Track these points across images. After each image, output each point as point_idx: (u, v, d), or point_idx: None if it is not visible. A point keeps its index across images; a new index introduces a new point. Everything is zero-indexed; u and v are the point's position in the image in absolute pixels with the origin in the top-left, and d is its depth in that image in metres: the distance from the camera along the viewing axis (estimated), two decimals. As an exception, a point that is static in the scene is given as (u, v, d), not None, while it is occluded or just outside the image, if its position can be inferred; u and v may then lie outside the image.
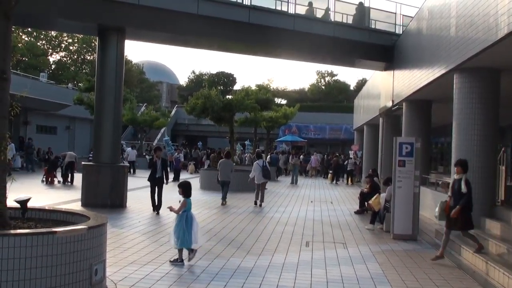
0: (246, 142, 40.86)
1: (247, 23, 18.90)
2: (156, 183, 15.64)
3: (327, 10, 21.98)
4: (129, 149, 36.13)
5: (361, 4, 22.26)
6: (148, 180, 15.82)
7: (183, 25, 18.04)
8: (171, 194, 19.63)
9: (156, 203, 15.53)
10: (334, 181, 33.25)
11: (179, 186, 9.28)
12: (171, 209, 9.06)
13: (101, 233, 6.54)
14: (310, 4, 21.51)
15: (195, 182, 27.41)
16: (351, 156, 35.43)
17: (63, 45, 69.01)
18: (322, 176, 39.42)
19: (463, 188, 9.94)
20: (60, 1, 16.19)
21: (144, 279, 7.82)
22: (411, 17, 20.58)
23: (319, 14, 21.36)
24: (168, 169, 16.70)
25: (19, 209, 7.23)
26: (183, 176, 31.76)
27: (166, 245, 10.49)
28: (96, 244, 6.37)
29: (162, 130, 54.89)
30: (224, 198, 18.58)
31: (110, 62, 17.21)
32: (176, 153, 33.19)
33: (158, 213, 15.13)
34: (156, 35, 18.76)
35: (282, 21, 19.73)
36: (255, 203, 18.59)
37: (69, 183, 23.96)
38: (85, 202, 16.37)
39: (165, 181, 15.69)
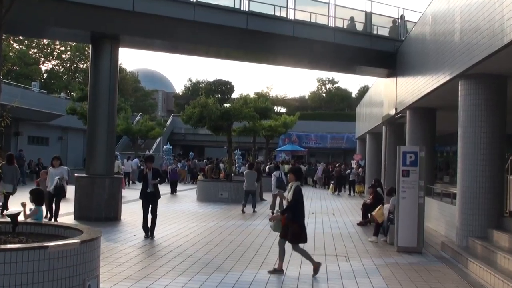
0: (237, 152, 40.76)
1: (245, 29, 18.95)
2: (148, 200, 13.34)
3: (352, 19, 22.08)
4: (125, 160, 36.11)
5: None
6: (140, 197, 13.59)
7: (179, 32, 18.09)
8: (169, 207, 19.57)
9: (150, 222, 13.34)
10: (336, 192, 33.20)
11: (30, 193, 9.25)
12: (23, 204, 8.60)
13: (94, 247, 6.52)
14: (352, 19, 21.83)
15: (191, 194, 27.45)
16: (353, 165, 35.38)
17: (55, 53, 69.13)
18: (323, 187, 39.36)
19: (289, 196, 9.73)
20: (52, 8, 16.21)
21: (139, 295, 7.78)
22: (414, 22, 20.66)
23: (324, 20, 21.36)
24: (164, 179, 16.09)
25: (9, 223, 7.20)
26: (179, 187, 31.70)
27: (162, 259, 10.46)
28: (90, 259, 6.35)
29: (158, 140, 54.89)
30: (254, 206, 20.45)
31: (104, 70, 17.24)
32: (173, 164, 33.18)
33: (152, 237, 13.19)
34: (151, 43, 18.80)
35: (281, 27, 19.79)
36: (272, 213, 18.88)
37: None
38: (78, 215, 16.33)
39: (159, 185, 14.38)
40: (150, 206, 13.32)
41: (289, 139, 55.36)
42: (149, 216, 13.37)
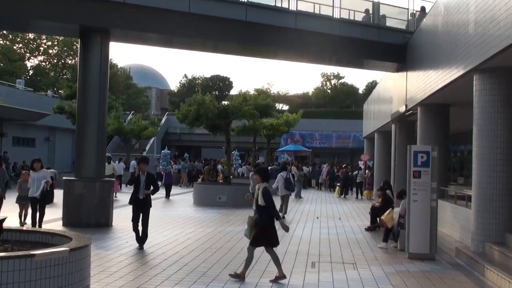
0: (234, 153, 40.81)
1: (244, 21, 18.93)
2: (139, 208, 12.74)
3: (367, 11, 22.07)
4: (116, 162, 36.07)
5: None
6: (130, 203, 12.99)
7: (173, 24, 18.07)
8: (164, 211, 19.54)
9: (141, 234, 12.76)
10: (342, 195, 33.18)
11: None
12: None
13: (84, 255, 6.50)
14: (367, 11, 21.90)
15: (188, 197, 27.44)
16: (360, 166, 35.37)
17: (41, 49, 69.16)
18: (328, 189, 39.37)
19: (260, 200, 9.74)
20: (38, 1, 16.21)
21: (132, 307, 7.76)
22: (425, 12, 20.63)
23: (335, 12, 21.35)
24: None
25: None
26: (175, 191, 31.71)
27: (157, 268, 10.44)
28: (79, 268, 6.33)
29: (152, 140, 54.87)
30: None
31: (94, 66, 17.23)
32: (169, 167, 33.19)
33: (142, 248, 12.61)
34: (144, 36, 18.79)
35: (282, 19, 19.76)
36: (283, 216, 19.63)
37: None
38: (67, 222, 16.31)
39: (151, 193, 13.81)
40: (141, 215, 12.70)
41: (291, 139, 55.39)
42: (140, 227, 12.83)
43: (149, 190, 12.67)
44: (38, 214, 14.69)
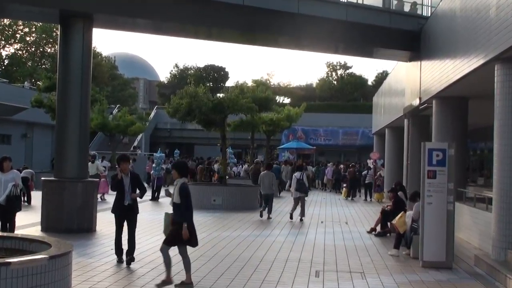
0: (228, 150, 40.71)
1: (241, 5, 18.89)
2: (124, 216, 11.79)
3: None
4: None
5: None
6: (113, 210, 11.95)
7: (163, 9, 18.05)
8: (152, 215, 19.56)
9: (128, 247, 11.77)
10: (350, 197, 33.20)
11: None
12: None
13: (65, 263, 6.49)
14: None
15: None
16: (370, 165, 35.36)
17: (18, 36, 69.03)
18: (334, 191, 39.39)
19: (176, 197, 9.77)
20: (13, -18, 16.20)
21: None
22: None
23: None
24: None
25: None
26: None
27: (144, 277, 10.45)
28: (60, 278, 6.32)
29: (139, 137, 54.86)
30: (269, 212, 21.27)
31: (75, 55, 17.20)
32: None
33: (132, 260, 11.74)
34: (130, 22, 18.77)
35: (283, 3, 19.74)
36: (291, 217, 20.95)
37: (25, 203, 23.87)
38: (46, 226, 16.31)
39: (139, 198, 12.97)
40: (127, 224, 11.75)
41: (293, 135, 55.36)
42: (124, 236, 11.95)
43: (136, 193, 11.70)
44: (8, 223, 13.29)
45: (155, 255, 12.86)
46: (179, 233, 9.66)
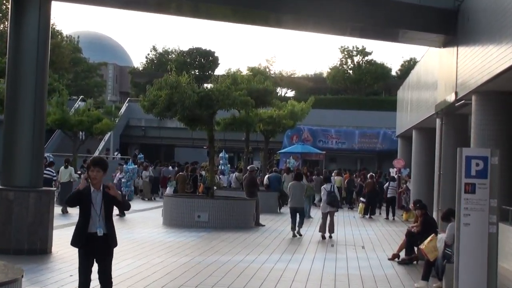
0: (221, 154, 40.76)
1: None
2: (94, 253, 9.59)
3: None
4: (62, 168, 35.92)
5: None
6: (73, 243, 9.68)
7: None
8: (123, 234, 19.59)
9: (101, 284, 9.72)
10: (367, 214, 33.18)
11: None
12: None
13: (13, 294, 6.46)
14: None
15: (155, 215, 27.36)
16: (393, 175, 35.36)
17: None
18: (347, 206, 39.34)
19: None
20: None
21: None
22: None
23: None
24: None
25: None
26: (136, 205, 31.69)
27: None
28: (6, 312, 6.29)
29: (107, 136, 54.76)
30: (299, 228, 22.59)
31: (29, 34, 17.15)
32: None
33: None
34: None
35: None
36: (323, 237, 22.15)
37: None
38: (-10, 246, 16.26)
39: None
40: (98, 264, 9.69)
41: (298, 137, 55.32)
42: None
43: (111, 220, 9.66)
44: None
45: (126, 284, 12.84)
46: None
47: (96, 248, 9.46)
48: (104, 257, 9.62)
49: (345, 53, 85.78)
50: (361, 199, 35.29)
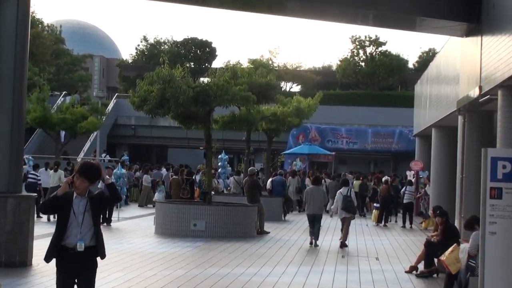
0: (221, 156, 40.83)
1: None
2: (74, 270, 8.94)
3: None
4: (42, 169, 35.96)
5: None
6: (45, 257, 9.10)
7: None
8: (111, 244, 19.64)
9: None
10: (382, 222, 33.17)
11: None
12: None
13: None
14: None
15: (146, 223, 27.36)
16: (410, 179, 35.32)
17: None
18: (360, 213, 39.29)
19: None
20: None
21: None
22: None
23: None
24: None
25: None
26: (126, 212, 31.71)
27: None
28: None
29: (93, 136, 54.78)
30: (316, 238, 22.93)
31: (7, 23, 17.16)
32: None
33: None
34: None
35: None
36: (341, 245, 22.73)
37: None
38: (-37, 258, 16.27)
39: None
40: (78, 282, 9.03)
41: (305, 136, 55.34)
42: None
43: (99, 230, 9.12)
44: None
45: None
46: None
47: (75, 267, 8.81)
48: (84, 274, 8.94)
49: (357, 43, 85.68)
50: (375, 205, 35.24)
